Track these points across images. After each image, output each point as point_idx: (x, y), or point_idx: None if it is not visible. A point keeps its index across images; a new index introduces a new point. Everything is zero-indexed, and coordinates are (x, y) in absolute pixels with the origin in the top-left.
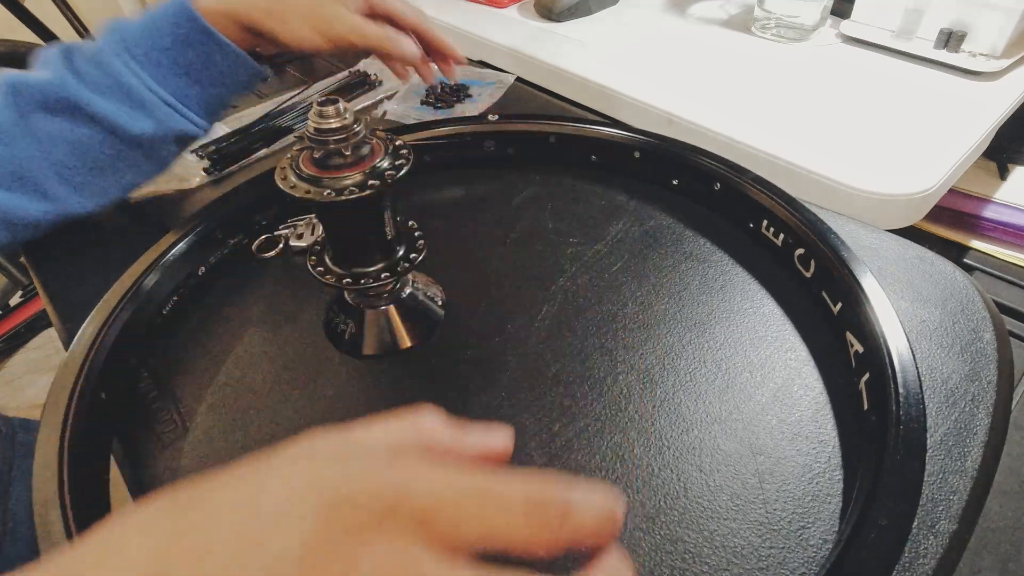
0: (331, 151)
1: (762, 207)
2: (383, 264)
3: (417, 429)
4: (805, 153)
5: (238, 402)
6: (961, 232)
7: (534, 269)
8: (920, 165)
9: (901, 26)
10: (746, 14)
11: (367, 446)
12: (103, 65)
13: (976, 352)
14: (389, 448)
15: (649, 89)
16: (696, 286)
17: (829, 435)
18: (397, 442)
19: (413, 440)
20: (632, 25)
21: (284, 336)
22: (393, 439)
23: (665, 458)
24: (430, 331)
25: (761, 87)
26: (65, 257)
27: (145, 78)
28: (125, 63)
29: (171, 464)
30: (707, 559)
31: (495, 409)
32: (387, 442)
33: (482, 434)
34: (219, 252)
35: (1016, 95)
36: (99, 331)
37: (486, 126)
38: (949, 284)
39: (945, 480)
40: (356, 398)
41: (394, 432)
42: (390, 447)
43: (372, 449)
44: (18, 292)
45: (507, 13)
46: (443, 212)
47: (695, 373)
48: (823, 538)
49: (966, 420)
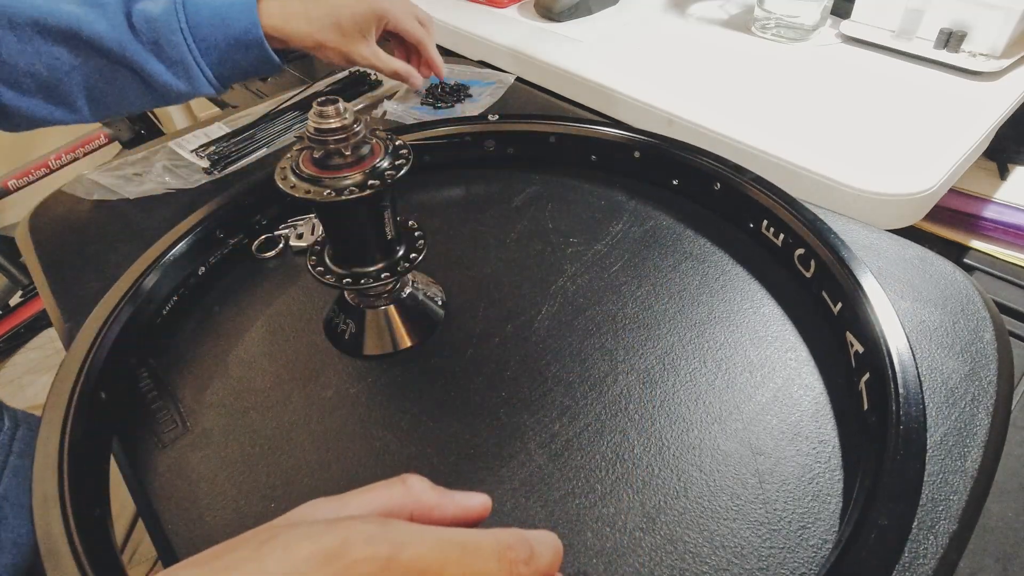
0: (331, 151)
1: (762, 207)
2: (383, 264)
3: (407, 491)
4: (805, 153)
5: (238, 402)
6: (961, 232)
7: (534, 269)
8: (920, 165)
9: (901, 26)
10: (746, 14)
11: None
12: (165, 33)
13: (976, 352)
14: (382, 511)
15: (649, 89)
16: (696, 286)
17: (829, 435)
18: (388, 506)
19: (403, 500)
20: (632, 25)
21: (284, 336)
22: (385, 503)
23: (665, 458)
24: (430, 331)
25: (761, 87)
26: (65, 257)
27: (198, 59)
28: (186, 42)
29: (171, 464)
30: (707, 559)
31: (495, 409)
32: (380, 506)
33: (464, 496)
34: (219, 252)
35: (1016, 95)
36: (99, 331)
37: (486, 126)
38: (949, 284)
39: (945, 480)
40: (356, 398)
41: (386, 495)
42: (383, 510)
43: (366, 516)
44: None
45: (507, 13)
46: (443, 212)
47: (695, 373)
48: (823, 538)
49: (966, 420)
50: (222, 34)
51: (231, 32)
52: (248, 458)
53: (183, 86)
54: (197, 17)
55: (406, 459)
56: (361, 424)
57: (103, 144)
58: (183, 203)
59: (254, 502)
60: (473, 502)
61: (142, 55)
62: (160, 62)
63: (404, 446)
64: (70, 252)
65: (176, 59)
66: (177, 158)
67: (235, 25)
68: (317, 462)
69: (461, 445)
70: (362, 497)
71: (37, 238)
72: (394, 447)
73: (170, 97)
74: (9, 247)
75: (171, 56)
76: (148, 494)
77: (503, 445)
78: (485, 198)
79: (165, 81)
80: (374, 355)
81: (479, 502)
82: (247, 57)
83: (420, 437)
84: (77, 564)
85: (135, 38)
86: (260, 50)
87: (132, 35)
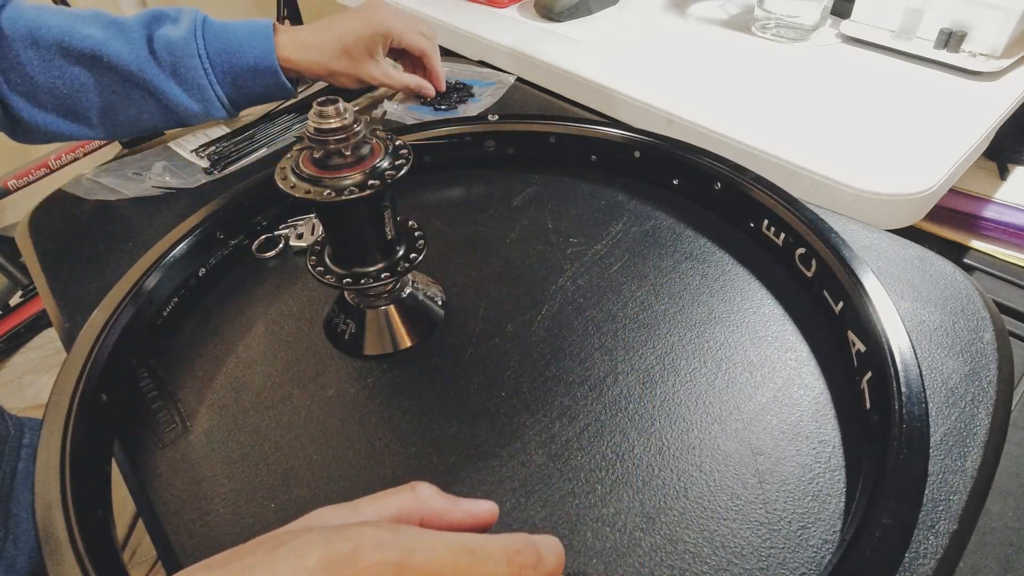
0: (331, 151)
1: (763, 207)
2: (383, 264)
3: (416, 498)
4: (805, 153)
5: (238, 402)
6: (961, 232)
7: (534, 269)
8: (920, 165)
9: (901, 26)
10: (746, 14)
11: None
12: (183, 58)
13: (976, 352)
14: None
15: (649, 89)
16: (696, 286)
17: (829, 435)
18: (399, 513)
19: (413, 506)
20: (632, 25)
21: (284, 336)
22: (396, 510)
23: (665, 458)
24: (430, 331)
25: (761, 87)
26: (65, 257)
27: (215, 84)
28: (203, 66)
29: (171, 464)
30: (707, 559)
31: (495, 409)
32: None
33: (472, 503)
34: (220, 253)
35: (1016, 95)
36: (100, 332)
37: (486, 126)
38: (949, 284)
39: (945, 480)
40: (356, 398)
41: (397, 502)
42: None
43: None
44: (18, 292)
45: (507, 13)
46: (443, 212)
47: (695, 373)
48: (823, 538)
49: (966, 420)
50: (239, 61)
51: (247, 60)
52: (248, 458)
53: (197, 108)
54: (216, 44)
55: (406, 459)
56: (361, 424)
57: (103, 144)
58: (183, 203)
59: (254, 502)
60: (481, 509)
61: (160, 78)
62: (177, 85)
63: (404, 446)
64: (70, 252)
65: (193, 83)
66: (177, 158)
67: (250, 53)
68: (317, 462)
69: (461, 445)
70: (373, 504)
71: (37, 238)
72: (394, 447)
73: (185, 119)
74: (9, 247)
75: (188, 79)
76: (148, 494)
77: (503, 445)
78: (485, 198)
79: (180, 103)
80: (374, 355)
81: (487, 509)
82: (261, 84)
83: (420, 437)
84: (80, 566)
85: (155, 62)
86: (274, 78)
87: (152, 59)
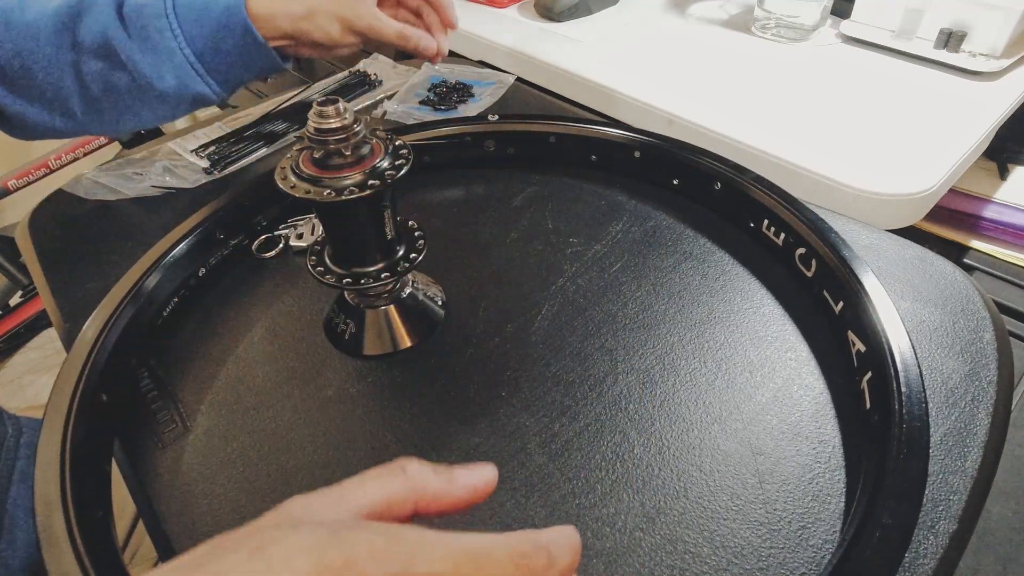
0: (331, 151)
1: (763, 207)
2: (383, 264)
3: (408, 481)
4: (805, 153)
5: (238, 402)
6: (961, 232)
7: (534, 269)
8: (920, 165)
9: (901, 26)
10: (746, 14)
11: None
12: (150, 19)
13: (976, 352)
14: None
15: (649, 89)
16: (696, 286)
17: (829, 435)
18: (389, 500)
19: (405, 493)
20: (632, 25)
21: (284, 336)
22: (386, 497)
23: (665, 458)
24: (430, 331)
25: (761, 87)
26: (65, 257)
27: (183, 46)
28: (171, 26)
29: (171, 464)
30: (707, 559)
31: (495, 409)
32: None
33: (468, 475)
34: (220, 253)
35: (1016, 95)
36: (100, 332)
37: (486, 126)
38: (949, 284)
39: (945, 480)
40: (356, 398)
41: (387, 488)
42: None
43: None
44: (18, 292)
45: (507, 13)
46: (443, 212)
47: (695, 373)
48: (823, 538)
49: (966, 420)
50: (208, 17)
51: (214, 14)
52: (248, 458)
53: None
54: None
55: None
56: (361, 424)
57: (103, 144)
58: (183, 203)
59: (254, 502)
60: (478, 480)
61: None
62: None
63: (404, 446)
64: (70, 252)
65: (162, 48)
66: (177, 158)
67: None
68: (317, 462)
69: (461, 445)
70: (361, 489)
71: (37, 238)
72: (394, 447)
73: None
74: (9, 247)
75: (158, 45)
76: (148, 494)
77: (503, 445)
78: (485, 198)
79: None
80: (374, 355)
81: (484, 478)
82: (235, 44)
83: (420, 437)
84: (80, 566)
85: (122, 27)
86: (246, 34)
87: (120, 24)
